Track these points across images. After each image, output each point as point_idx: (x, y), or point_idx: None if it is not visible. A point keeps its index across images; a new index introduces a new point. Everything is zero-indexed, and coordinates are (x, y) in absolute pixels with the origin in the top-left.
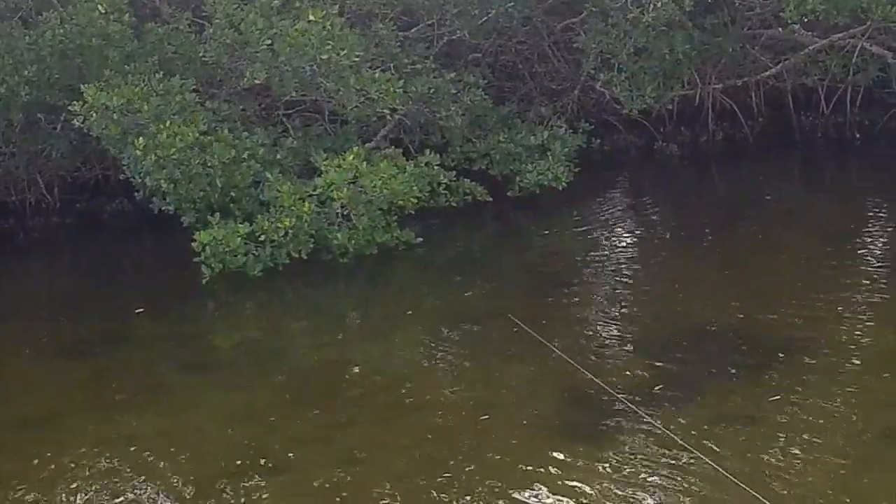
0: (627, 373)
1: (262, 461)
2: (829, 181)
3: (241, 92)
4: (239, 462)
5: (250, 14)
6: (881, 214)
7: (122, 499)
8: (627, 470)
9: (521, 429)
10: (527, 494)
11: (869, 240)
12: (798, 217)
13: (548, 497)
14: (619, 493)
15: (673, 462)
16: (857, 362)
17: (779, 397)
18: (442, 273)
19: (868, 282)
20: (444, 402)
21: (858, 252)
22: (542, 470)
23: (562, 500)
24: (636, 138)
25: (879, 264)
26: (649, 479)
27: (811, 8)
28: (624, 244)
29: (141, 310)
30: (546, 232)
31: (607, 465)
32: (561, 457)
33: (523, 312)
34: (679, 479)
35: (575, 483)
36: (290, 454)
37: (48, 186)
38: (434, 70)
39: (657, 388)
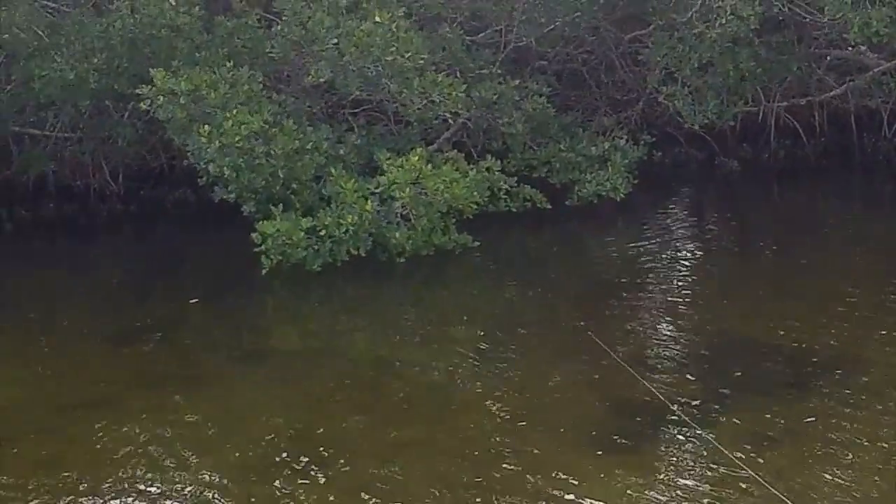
0: (679, 384)
1: (302, 455)
2: (888, 203)
3: (308, 88)
4: (278, 454)
5: (318, 13)
6: None
7: (161, 483)
8: (673, 478)
9: (565, 434)
10: (568, 498)
11: None
12: (855, 239)
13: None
14: (662, 498)
15: (717, 474)
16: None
17: (823, 416)
18: (497, 277)
19: None
20: (491, 405)
21: None
22: (583, 476)
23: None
24: (697, 152)
25: None
26: (693, 488)
27: (875, 30)
28: (680, 257)
29: (196, 300)
30: (602, 241)
31: (653, 472)
32: (605, 463)
33: (575, 319)
34: (723, 490)
35: (618, 488)
36: (331, 449)
37: (113, 173)
38: (499, 76)
39: (706, 400)
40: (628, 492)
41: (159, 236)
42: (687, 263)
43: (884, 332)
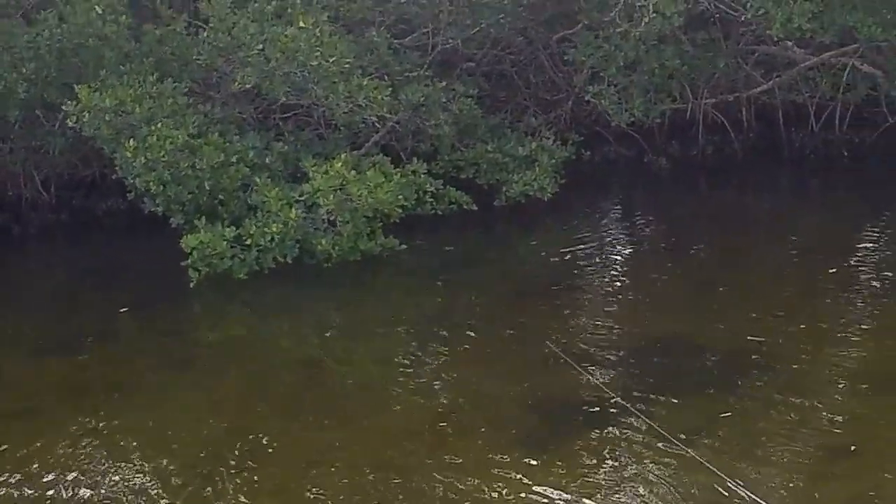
0: (613, 377)
1: (227, 458)
2: (816, 198)
3: (239, 95)
4: (204, 458)
5: (243, 19)
6: (866, 233)
7: (89, 490)
8: (616, 465)
9: (493, 432)
10: (491, 496)
11: (852, 258)
12: (783, 232)
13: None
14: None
15: (661, 458)
16: (829, 374)
17: (752, 406)
18: (424, 280)
19: (848, 298)
20: (414, 405)
21: (840, 269)
22: (513, 473)
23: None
24: (627, 151)
25: (861, 282)
26: (636, 473)
27: (797, 26)
28: (608, 256)
29: (125, 309)
30: (531, 241)
31: (596, 459)
32: (534, 461)
33: (504, 319)
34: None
35: (543, 487)
36: (256, 452)
37: (45, 183)
38: (427, 78)
39: (642, 392)
40: (552, 487)
41: (91, 246)
42: (616, 261)
43: (804, 326)
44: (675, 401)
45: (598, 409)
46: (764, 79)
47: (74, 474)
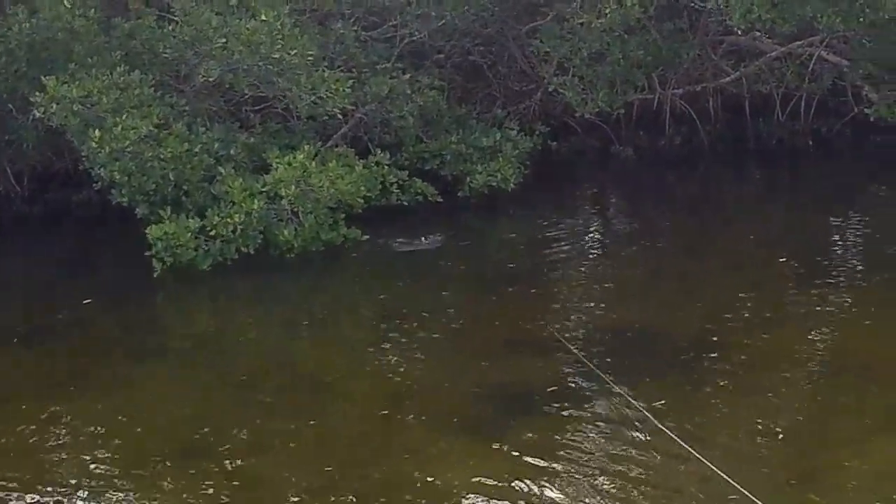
0: (569, 363)
1: (182, 446)
2: (782, 187)
3: (210, 87)
4: (161, 447)
5: (206, 12)
6: (829, 222)
7: (54, 481)
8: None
9: (443, 418)
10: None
11: (812, 247)
12: (747, 222)
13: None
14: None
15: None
16: (779, 358)
17: (717, 387)
18: (387, 270)
19: (803, 287)
20: (372, 393)
21: (799, 259)
22: (458, 458)
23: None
24: (595, 141)
25: (819, 271)
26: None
27: (758, 16)
28: (571, 245)
29: (89, 301)
30: (494, 231)
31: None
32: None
33: (467, 308)
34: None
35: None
36: (210, 440)
37: (17, 176)
38: (393, 70)
39: (601, 377)
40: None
41: (62, 237)
42: (579, 251)
43: (755, 314)
44: (633, 385)
45: (555, 392)
46: (732, 69)
47: (40, 465)
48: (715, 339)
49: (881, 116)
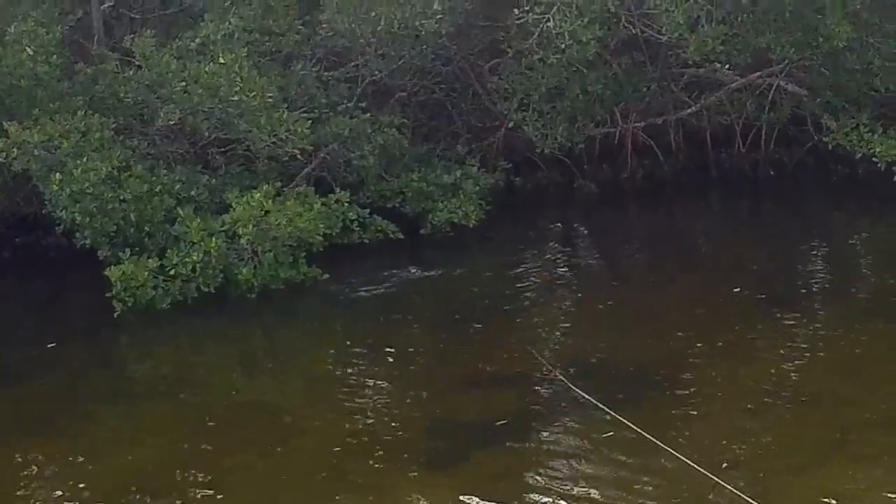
0: (524, 395)
1: (138, 485)
2: (743, 217)
3: (175, 130)
4: (123, 487)
5: (165, 56)
6: (790, 251)
7: None
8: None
9: (398, 452)
10: None
11: (775, 276)
12: (707, 253)
13: None
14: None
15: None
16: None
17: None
18: (348, 308)
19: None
20: (329, 430)
21: (752, 288)
22: (408, 491)
23: None
24: (558, 176)
25: (782, 300)
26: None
27: (711, 48)
28: (531, 280)
29: (53, 344)
30: (455, 268)
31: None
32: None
33: (429, 344)
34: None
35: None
36: (167, 477)
37: None
38: (354, 110)
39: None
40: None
41: (30, 281)
42: (539, 285)
43: (703, 345)
44: (584, 415)
45: (507, 425)
46: (692, 101)
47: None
48: (660, 371)
49: (840, 145)
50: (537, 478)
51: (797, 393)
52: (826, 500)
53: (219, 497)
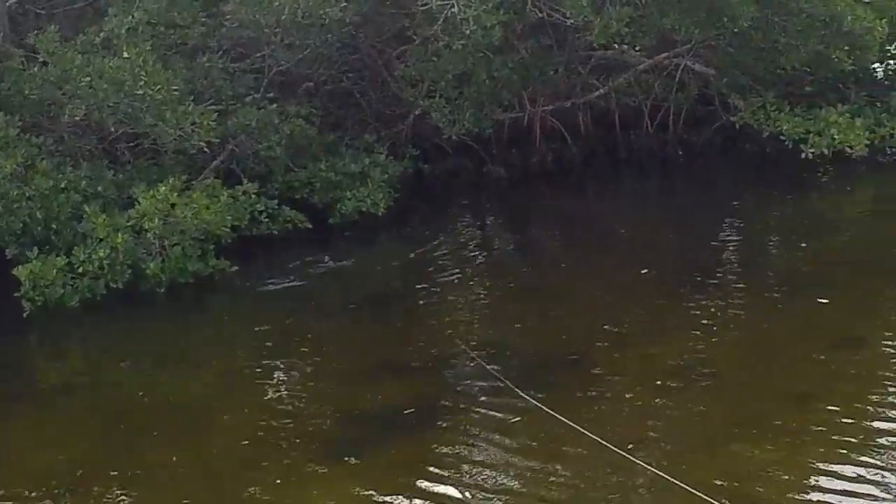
0: (431, 383)
1: (58, 489)
2: (651, 198)
3: (82, 126)
4: (36, 490)
5: (69, 52)
6: (700, 231)
7: None
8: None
9: (306, 443)
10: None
11: (685, 257)
12: (618, 234)
13: None
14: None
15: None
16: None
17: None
18: (258, 300)
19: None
20: (238, 424)
21: (658, 270)
22: (324, 480)
23: None
24: (468, 162)
25: (674, 282)
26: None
27: (616, 30)
28: (439, 266)
29: None
30: (364, 256)
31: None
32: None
33: (339, 335)
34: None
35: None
36: (79, 477)
37: None
38: (261, 101)
39: (451, 396)
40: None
41: None
42: (447, 271)
43: (606, 326)
44: (495, 399)
45: (415, 413)
46: (600, 83)
47: None
48: (565, 355)
49: (747, 124)
50: (446, 464)
51: (707, 371)
52: (734, 475)
53: (133, 495)
